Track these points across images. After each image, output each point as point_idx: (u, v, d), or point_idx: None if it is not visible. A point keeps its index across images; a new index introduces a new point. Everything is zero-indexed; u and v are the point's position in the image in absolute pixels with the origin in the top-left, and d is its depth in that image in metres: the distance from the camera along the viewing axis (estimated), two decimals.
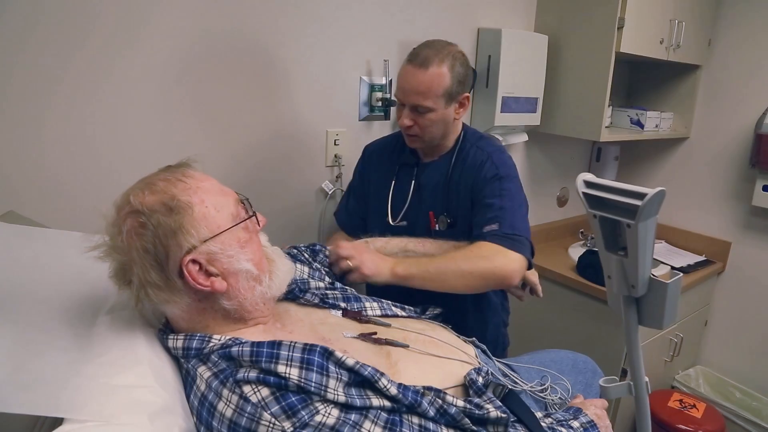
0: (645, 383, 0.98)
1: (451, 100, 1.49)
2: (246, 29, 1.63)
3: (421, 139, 1.54)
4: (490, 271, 1.36)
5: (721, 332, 2.87)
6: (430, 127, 1.50)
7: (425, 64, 1.43)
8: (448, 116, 1.51)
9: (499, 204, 1.45)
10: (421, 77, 1.43)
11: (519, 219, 1.45)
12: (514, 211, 1.45)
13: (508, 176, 1.50)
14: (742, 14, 2.58)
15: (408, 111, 1.49)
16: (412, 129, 1.51)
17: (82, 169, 1.43)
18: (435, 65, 1.43)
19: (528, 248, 1.42)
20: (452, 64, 1.46)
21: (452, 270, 1.36)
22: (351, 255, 1.37)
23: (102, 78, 1.41)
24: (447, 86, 1.45)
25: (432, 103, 1.45)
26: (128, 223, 0.90)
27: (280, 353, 0.87)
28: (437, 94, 1.45)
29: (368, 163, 1.75)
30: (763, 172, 2.48)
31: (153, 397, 0.85)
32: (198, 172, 1.00)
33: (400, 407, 0.91)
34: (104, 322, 0.98)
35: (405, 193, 1.63)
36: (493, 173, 1.50)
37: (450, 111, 1.51)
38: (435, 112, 1.47)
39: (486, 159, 1.53)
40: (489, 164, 1.51)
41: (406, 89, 1.47)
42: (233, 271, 0.96)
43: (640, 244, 0.79)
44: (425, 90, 1.44)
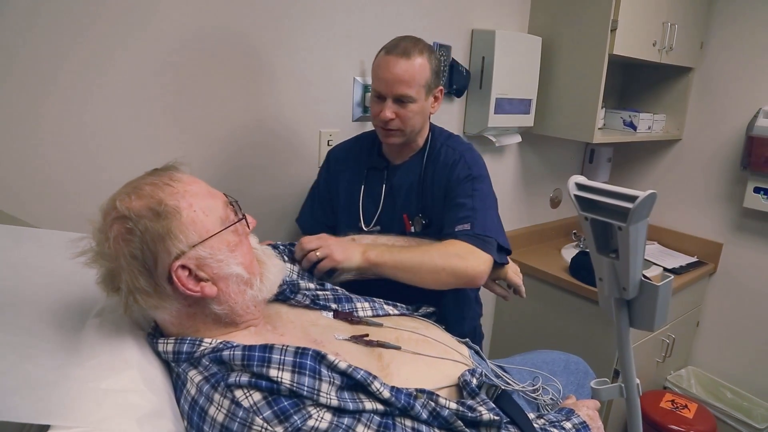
0: (636, 385, 0.98)
1: (429, 92, 1.50)
2: (240, 30, 1.62)
3: (402, 133, 1.51)
4: (462, 270, 1.35)
5: (713, 333, 2.88)
6: (411, 120, 1.48)
7: (407, 53, 1.43)
8: (426, 109, 1.51)
9: (471, 204, 1.45)
10: (404, 66, 1.42)
11: (490, 220, 1.45)
12: (486, 212, 1.46)
13: (480, 176, 1.51)
14: (733, 17, 2.59)
15: (390, 103, 1.46)
16: (393, 122, 1.48)
17: (75, 169, 1.42)
18: (416, 55, 1.43)
19: (495, 248, 1.42)
20: (429, 56, 1.47)
21: (426, 264, 1.34)
22: (317, 245, 1.34)
23: (96, 78, 1.40)
24: (427, 77, 1.46)
25: (415, 93, 1.45)
26: (115, 229, 0.89)
27: (272, 357, 0.86)
28: (420, 84, 1.45)
29: (334, 167, 1.70)
30: (754, 174, 2.50)
31: (142, 402, 0.84)
32: (185, 174, 0.98)
33: (393, 410, 0.91)
34: (93, 325, 0.97)
35: (377, 198, 1.61)
36: (466, 173, 1.50)
37: (428, 104, 1.51)
38: (417, 103, 1.46)
39: (459, 158, 1.53)
40: (462, 164, 1.52)
41: (389, 79, 1.44)
42: (223, 275, 0.95)
43: (631, 246, 0.79)
44: (409, 79, 1.43)
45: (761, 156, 2.44)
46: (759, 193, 2.51)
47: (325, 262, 1.32)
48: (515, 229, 2.78)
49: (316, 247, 1.33)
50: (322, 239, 1.36)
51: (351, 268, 1.34)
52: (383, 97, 1.47)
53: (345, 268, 1.34)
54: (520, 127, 2.43)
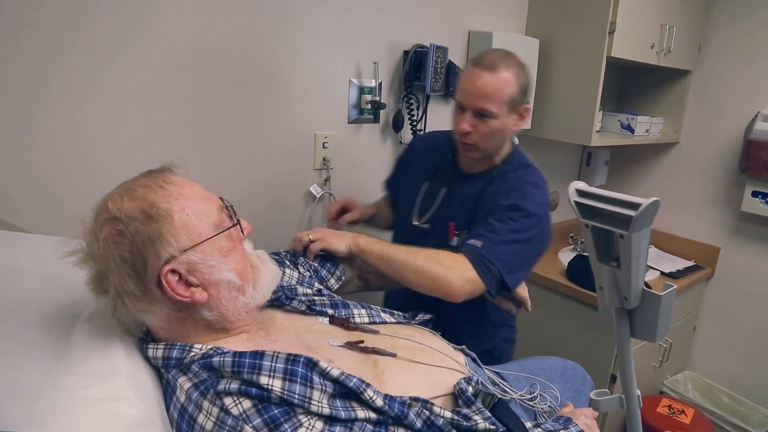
0: (637, 396, 0.96)
1: (513, 110, 1.44)
2: (235, 32, 1.61)
3: (476, 148, 1.47)
4: (440, 279, 1.31)
5: (710, 337, 2.87)
6: (489, 136, 1.44)
7: (492, 67, 1.39)
8: (507, 126, 1.46)
9: (496, 227, 1.38)
10: (488, 80, 1.39)
11: (505, 250, 1.36)
12: (506, 242, 1.37)
13: (525, 210, 1.40)
14: (732, 20, 2.59)
15: (469, 116, 1.43)
16: (470, 136, 1.45)
17: (69, 172, 1.41)
18: (503, 69, 1.39)
19: (495, 280, 1.34)
20: (518, 72, 1.42)
21: (408, 262, 1.32)
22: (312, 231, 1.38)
23: (92, 81, 1.39)
24: (512, 93, 1.41)
25: (496, 108, 1.40)
26: (105, 230, 0.87)
27: (263, 364, 0.84)
28: (502, 99, 1.40)
29: (413, 151, 1.75)
30: (752, 177, 2.49)
31: (130, 410, 0.81)
32: (180, 177, 0.96)
33: (386, 419, 0.89)
34: (82, 330, 0.95)
35: (435, 197, 1.60)
36: (513, 202, 1.42)
37: (510, 121, 1.46)
38: (497, 120, 1.42)
39: (516, 188, 1.45)
40: (515, 193, 1.44)
41: (471, 92, 1.41)
42: (214, 281, 0.93)
43: (633, 255, 0.77)
44: (491, 93, 1.39)
45: (759, 160, 2.43)
46: (757, 197, 2.50)
47: (315, 243, 1.35)
48: None
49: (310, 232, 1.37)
50: (317, 231, 1.39)
51: (340, 250, 1.36)
52: (464, 109, 1.44)
53: (334, 249, 1.35)
54: None
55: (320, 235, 1.36)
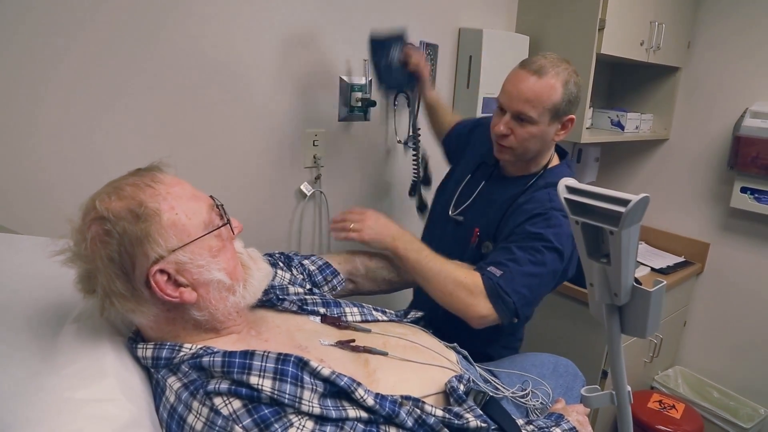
0: (627, 392, 0.96)
1: (556, 119, 1.40)
2: (226, 30, 1.60)
3: (512, 152, 1.45)
4: (464, 305, 1.32)
5: (700, 333, 2.89)
6: (526, 142, 1.41)
7: (540, 72, 1.36)
8: (547, 135, 1.42)
9: (517, 257, 1.34)
10: (531, 84, 1.35)
11: (524, 282, 1.33)
12: (525, 274, 1.33)
13: (549, 242, 1.35)
14: (720, 17, 2.60)
15: (508, 118, 1.40)
16: (506, 139, 1.42)
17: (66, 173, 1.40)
18: (550, 76, 1.35)
19: (510, 312, 1.32)
20: (567, 80, 1.37)
21: (440, 281, 1.34)
22: (355, 219, 1.39)
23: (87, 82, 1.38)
24: (556, 101, 1.37)
25: (536, 114, 1.37)
26: (93, 230, 0.86)
27: (253, 364, 0.84)
28: (544, 106, 1.36)
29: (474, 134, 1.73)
30: (741, 174, 2.50)
31: (119, 411, 0.81)
32: (169, 176, 0.95)
33: (377, 418, 0.89)
34: (70, 331, 0.94)
35: (472, 191, 1.58)
36: (537, 231, 1.36)
37: (551, 130, 1.42)
38: (536, 126, 1.38)
39: (543, 213, 1.39)
40: (543, 222, 1.38)
41: (513, 94, 1.38)
42: (204, 281, 0.92)
43: (623, 251, 0.77)
44: (533, 98, 1.35)
45: (748, 156, 2.44)
46: (746, 192, 2.51)
47: (353, 235, 1.38)
48: None
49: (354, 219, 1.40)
50: (364, 214, 1.41)
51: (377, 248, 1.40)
52: (504, 111, 1.42)
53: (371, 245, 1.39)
54: None
55: (360, 225, 1.38)
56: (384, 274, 1.44)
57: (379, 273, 1.44)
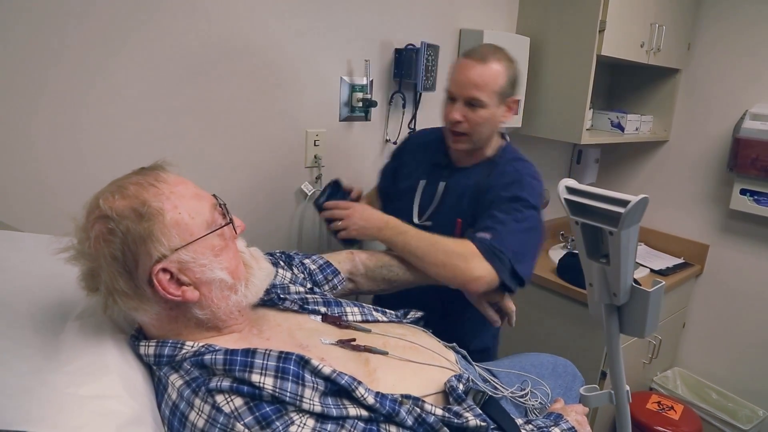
0: (626, 392, 0.97)
1: (502, 101, 1.50)
2: (227, 30, 1.60)
3: (468, 139, 1.52)
4: (460, 271, 1.36)
5: (699, 334, 2.90)
6: (479, 126, 1.49)
7: (484, 58, 1.45)
8: (496, 117, 1.51)
9: (502, 218, 1.41)
10: (479, 70, 1.45)
11: (514, 239, 1.39)
12: (513, 232, 1.40)
13: (526, 201, 1.44)
14: (721, 19, 2.61)
15: (460, 105, 1.48)
16: (461, 125, 1.49)
17: (64, 171, 1.40)
18: (493, 61, 1.46)
19: (506, 268, 1.36)
20: (507, 65, 1.48)
21: (432, 255, 1.39)
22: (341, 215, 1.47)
23: (87, 80, 1.39)
24: (502, 84, 1.47)
25: (487, 98, 1.46)
26: (96, 228, 0.87)
27: (255, 362, 0.85)
28: (493, 89, 1.46)
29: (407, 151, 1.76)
30: (740, 175, 2.51)
31: (122, 408, 0.81)
32: (172, 175, 0.95)
33: (378, 417, 0.89)
34: (73, 328, 0.94)
35: (433, 194, 1.62)
36: (514, 194, 1.46)
37: (499, 112, 1.51)
38: (487, 109, 1.47)
39: (517, 180, 1.49)
40: (515, 185, 1.47)
41: (463, 81, 1.46)
42: (206, 280, 0.92)
43: (622, 251, 0.77)
44: (482, 83, 1.45)
45: (747, 158, 2.45)
46: (745, 194, 2.52)
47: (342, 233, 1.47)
48: None
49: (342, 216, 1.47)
50: (350, 212, 1.47)
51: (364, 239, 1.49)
52: (454, 99, 1.49)
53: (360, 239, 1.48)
54: (507, 128, 2.42)
55: (346, 224, 1.45)
56: (384, 273, 1.45)
57: (378, 272, 1.45)
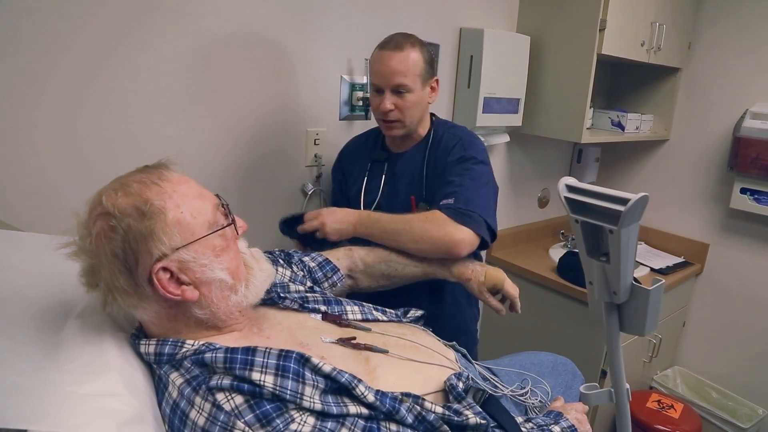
0: (626, 390, 0.97)
1: (425, 83, 1.56)
2: (225, 29, 1.60)
3: (402, 124, 1.57)
4: (439, 239, 1.39)
5: (699, 333, 2.90)
6: (410, 110, 1.54)
7: (400, 46, 1.51)
8: (423, 99, 1.57)
9: (459, 181, 1.48)
10: (399, 57, 1.50)
11: (476, 196, 1.46)
12: (473, 190, 1.47)
13: (474, 158, 1.53)
14: (721, 18, 2.60)
15: (389, 94, 1.53)
16: (393, 113, 1.54)
17: (67, 170, 1.40)
18: (409, 47, 1.51)
19: (481, 224, 1.42)
20: (422, 48, 1.54)
21: (407, 233, 1.43)
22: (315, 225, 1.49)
23: (87, 78, 1.39)
24: (422, 67, 1.53)
25: (411, 83, 1.51)
26: (98, 225, 0.87)
27: (255, 360, 0.85)
28: (415, 74, 1.51)
29: (345, 164, 1.80)
30: (740, 175, 2.51)
31: (122, 406, 0.81)
32: (176, 174, 0.96)
33: (378, 415, 0.89)
34: (73, 326, 0.94)
35: (376, 186, 1.68)
36: (460, 155, 1.54)
37: (425, 94, 1.57)
38: (414, 93, 1.53)
39: (457, 142, 1.58)
40: (458, 147, 1.56)
41: (385, 72, 1.51)
42: (206, 280, 0.92)
43: (622, 250, 0.77)
44: (404, 69, 1.50)
45: (748, 157, 2.45)
46: (745, 193, 2.52)
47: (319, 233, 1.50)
48: (503, 229, 2.77)
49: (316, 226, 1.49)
50: (321, 218, 1.49)
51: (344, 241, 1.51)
52: (381, 90, 1.54)
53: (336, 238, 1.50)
54: (508, 127, 2.43)
55: (323, 231, 1.48)
56: (382, 269, 1.44)
57: (377, 268, 1.45)
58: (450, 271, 1.45)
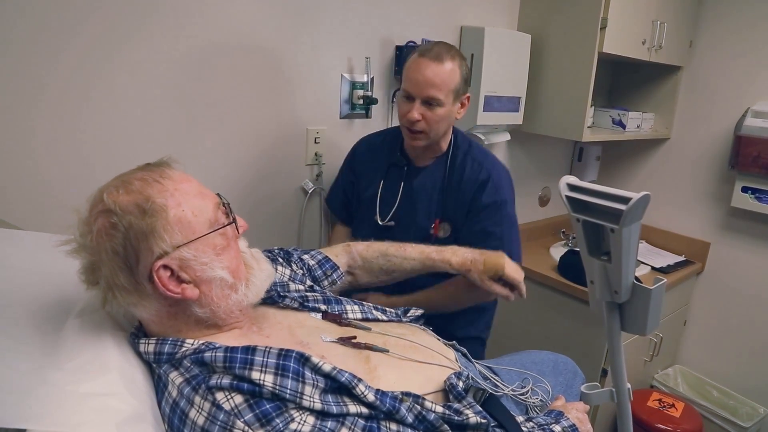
0: (627, 389, 0.96)
1: (457, 98, 1.54)
2: (227, 28, 1.60)
3: (426, 136, 1.55)
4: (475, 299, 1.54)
5: (700, 332, 2.89)
6: (437, 123, 1.52)
7: (439, 58, 1.47)
8: (452, 114, 1.55)
9: (500, 233, 1.53)
10: (436, 69, 1.47)
11: (516, 245, 1.57)
12: (512, 239, 1.56)
13: (505, 201, 1.56)
14: (723, 16, 2.60)
15: (419, 104, 1.50)
16: (419, 124, 1.52)
17: (66, 170, 1.41)
18: (448, 60, 1.48)
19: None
20: (461, 62, 1.52)
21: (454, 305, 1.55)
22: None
23: (87, 77, 1.39)
24: (457, 82, 1.50)
25: (444, 97, 1.49)
26: (99, 222, 0.87)
27: (255, 359, 0.84)
28: (450, 88, 1.49)
29: (358, 159, 1.78)
30: (742, 173, 2.50)
31: (122, 405, 0.81)
32: (178, 172, 0.96)
33: (378, 414, 0.89)
34: (73, 325, 0.94)
35: (394, 194, 1.65)
36: (493, 199, 1.55)
37: (454, 109, 1.55)
38: (444, 108, 1.50)
39: (487, 179, 1.57)
40: (490, 186, 1.56)
41: (420, 81, 1.48)
42: (206, 278, 0.92)
43: (623, 249, 0.77)
44: (440, 82, 1.47)
45: (749, 155, 2.44)
46: (747, 192, 2.51)
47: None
48: None
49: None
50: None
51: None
52: (412, 98, 1.52)
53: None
54: (509, 125, 2.42)
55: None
56: (381, 264, 1.43)
57: (376, 263, 1.43)
58: (450, 264, 1.40)
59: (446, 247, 1.42)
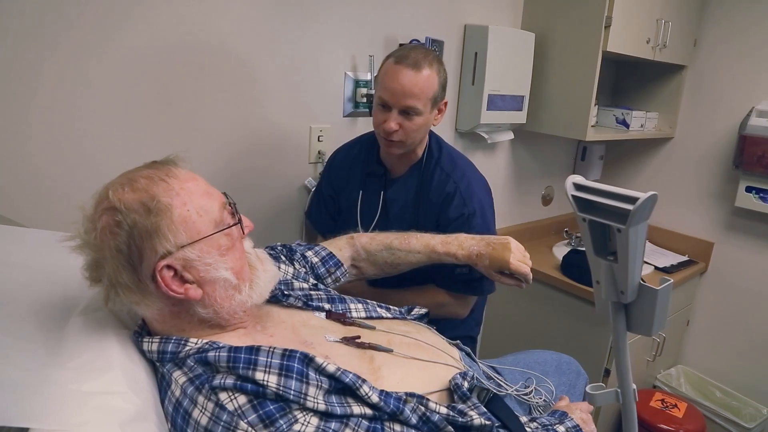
0: (633, 390, 0.96)
1: (435, 105, 1.48)
2: (229, 25, 1.60)
3: (403, 145, 1.50)
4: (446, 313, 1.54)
5: (703, 332, 2.89)
6: (414, 132, 1.47)
7: (417, 65, 1.41)
8: (429, 122, 1.50)
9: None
10: (414, 78, 1.40)
11: None
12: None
13: (475, 212, 1.52)
14: (727, 15, 2.59)
15: (396, 114, 1.44)
16: (396, 134, 1.46)
17: (66, 167, 1.40)
18: (426, 67, 1.41)
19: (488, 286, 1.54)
20: (439, 68, 1.46)
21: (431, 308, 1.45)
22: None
23: (85, 74, 1.38)
24: (435, 89, 1.45)
25: (422, 106, 1.43)
26: (104, 219, 0.87)
27: (258, 359, 0.84)
28: (428, 96, 1.43)
29: (336, 171, 1.73)
30: (746, 173, 2.49)
31: (125, 404, 0.81)
32: (184, 171, 0.95)
33: (382, 415, 0.89)
34: (76, 324, 0.94)
35: (374, 206, 1.62)
36: (460, 212, 1.52)
37: (432, 116, 1.51)
38: (422, 116, 1.45)
39: (453, 192, 1.53)
40: (457, 199, 1.52)
41: (398, 91, 1.41)
42: (210, 279, 0.92)
43: (630, 249, 0.77)
44: (419, 92, 1.41)
45: (753, 155, 2.43)
46: (751, 192, 2.50)
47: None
48: (506, 227, 2.77)
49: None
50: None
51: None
52: (389, 107, 1.45)
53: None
54: (512, 124, 2.42)
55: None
56: (385, 257, 1.41)
57: (380, 256, 1.42)
58: (456, 257, 1.39)
59: (451, 238, 1.40)
